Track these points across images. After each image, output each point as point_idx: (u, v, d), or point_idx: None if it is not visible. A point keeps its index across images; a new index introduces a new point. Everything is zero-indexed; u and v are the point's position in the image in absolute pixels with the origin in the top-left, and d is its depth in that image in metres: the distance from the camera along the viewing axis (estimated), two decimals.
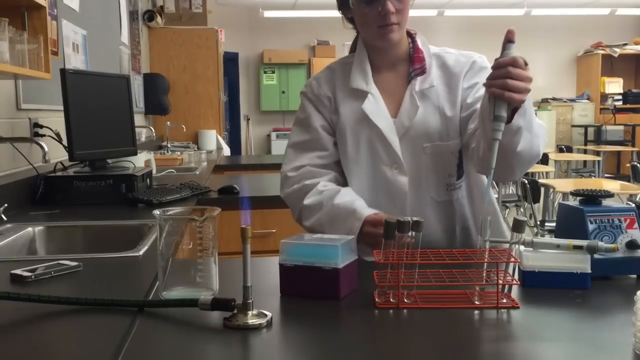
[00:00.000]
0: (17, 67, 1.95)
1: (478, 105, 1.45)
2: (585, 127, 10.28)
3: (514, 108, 1.26)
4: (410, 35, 1.61)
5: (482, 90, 1.43)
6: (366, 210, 1.46)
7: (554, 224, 4.54)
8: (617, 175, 9.18)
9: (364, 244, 1.41)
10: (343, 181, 1.62)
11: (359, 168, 1.58)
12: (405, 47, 1.60)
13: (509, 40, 1.24)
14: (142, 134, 5.10)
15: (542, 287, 1.22)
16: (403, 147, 1.54)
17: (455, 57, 1.59)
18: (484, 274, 1.16)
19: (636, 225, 1.29)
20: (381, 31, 1.50)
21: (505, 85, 1.20)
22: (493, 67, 1.24)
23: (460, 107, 1.55)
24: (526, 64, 1.23)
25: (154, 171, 3.20)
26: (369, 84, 1.57)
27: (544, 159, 7.58)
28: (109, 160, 2.69)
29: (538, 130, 1.36)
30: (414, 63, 1.57)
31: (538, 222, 5.03)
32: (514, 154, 1.34)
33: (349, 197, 1.52)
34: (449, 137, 1.55)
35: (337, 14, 1.64)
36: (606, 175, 8.96)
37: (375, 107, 1.55)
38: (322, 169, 1.60)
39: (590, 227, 1.28)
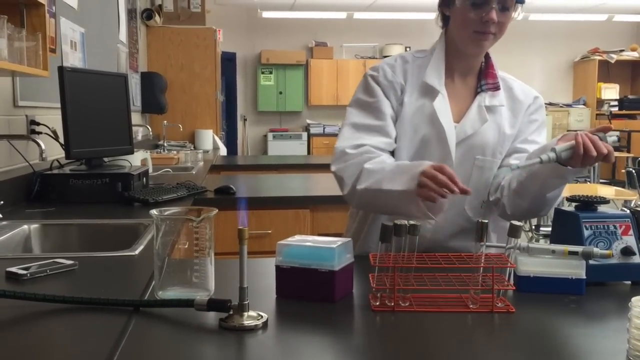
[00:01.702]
0: (15, 64, 1.95)
1: (527, 147, 1.59)
2: None
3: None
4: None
5: (539, 132, 1.62)
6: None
7: (549, 229, 4.55)
8: (612, 181, 9.20)
9: (419, 195, 1.38)
10: None
11: (414, 145, 1.58)
12: (480, 61, 1.63)
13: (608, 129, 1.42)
14: (139, 133, 5.10)
15: (537, 292, 1.22)
16: (456, 154, 1.57)
17: (520, 85, 1.66)
18: (480, 279, 1.17)
19: (631, 231, 1.30)
20: (477, 37, 1.52)
21: (589, 148, 1.33)
22: (592, 131, 1.38)
23: (516, 136, 1.62)
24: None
25: (150, 170, 3.20)
26: (441, 84, 1.59)
27: None
28: (106, 159, 2.68)
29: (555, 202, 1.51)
30: (487, 78, 1.62)
31: (533, 227, 5.04)
32: (542, 193, 1.46)
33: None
34: (500, 155, 1.61)
35: (335, 15, 1.67)
36: (601, 180, 8.98)
37: (444, 107, 1.57)
38: (382, 152, 1.56)
39: (586, 233, 1.29)
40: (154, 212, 1.14)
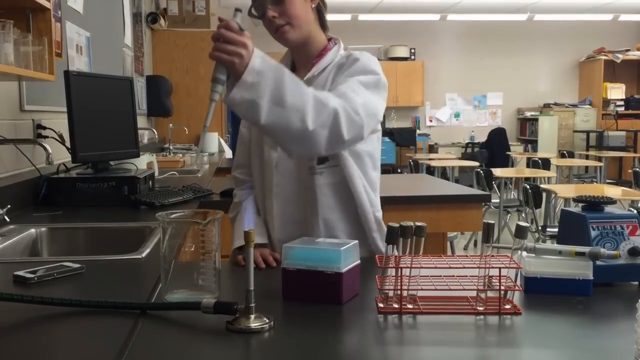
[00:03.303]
0: (21, 69, 1.96)
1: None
2: (587, 132, 10.29)
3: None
4: (331, 40, 1.71)
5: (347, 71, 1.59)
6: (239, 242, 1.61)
7: (555, 230, 4.54)
8: (619, 181, 9.17)
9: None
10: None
11: (254, 149, 1.74)
12: (315, 50, 1.69)
13: (236, 8, 1.35)
14: (145, 136, 5.11)
15: (544, 293, 1.22)
16: None
17: (347, 54, 1.69)
18: (487, 280, 1.16)
19: (638, 232, 1.29)
20: (276, 35, 1.64)
21: (216, 47, 1.29)
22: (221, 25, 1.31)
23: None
24: (242, 29, 1.31)
25: (156, 173, 3.20)
26: None
27: (546, 164, 7.57)
28: (112, 162, 2.69)
29: (303, 105, 1.34)
30: (316, 58, 1.69)
31: (540, 228, 5.02)
32: (261, 126, 1.35)
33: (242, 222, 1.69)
34: None
35: (337, 17, 1.72)
36: (608, 180, 8.96)
37: None
38: (243, 171, 1.81)
39: (593, 233, 1.29)
40: (160, 215, 1.14)
